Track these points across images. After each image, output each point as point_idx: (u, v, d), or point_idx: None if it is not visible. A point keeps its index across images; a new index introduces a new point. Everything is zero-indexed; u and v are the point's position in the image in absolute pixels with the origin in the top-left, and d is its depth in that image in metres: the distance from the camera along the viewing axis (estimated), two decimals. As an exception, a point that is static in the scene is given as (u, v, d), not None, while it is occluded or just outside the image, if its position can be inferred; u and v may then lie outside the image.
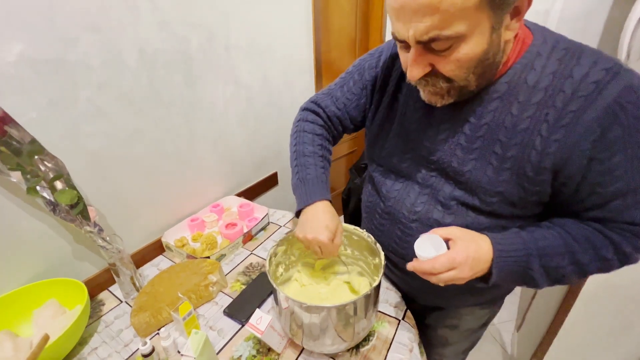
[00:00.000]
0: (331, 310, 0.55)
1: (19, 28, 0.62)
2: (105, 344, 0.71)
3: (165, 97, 0.91)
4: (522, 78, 0.48)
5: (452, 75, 0.45)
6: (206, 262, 0.84)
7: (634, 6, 0.80)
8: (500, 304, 0.77)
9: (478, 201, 0.54)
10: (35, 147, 0.66)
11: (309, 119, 0.75)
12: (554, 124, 0.45)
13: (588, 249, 0.48)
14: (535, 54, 0.47)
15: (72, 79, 0.71)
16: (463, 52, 0.42)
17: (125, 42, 0.78)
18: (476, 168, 0.53)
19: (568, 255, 0.49)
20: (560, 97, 0.45)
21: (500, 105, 0.49)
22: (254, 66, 1.16)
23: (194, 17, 0.92)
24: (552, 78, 0.46)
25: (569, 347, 1.08)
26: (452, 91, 0.48)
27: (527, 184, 0.50)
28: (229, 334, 0.72)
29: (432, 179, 0.59)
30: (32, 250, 0.74)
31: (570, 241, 0.49)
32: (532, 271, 0.49)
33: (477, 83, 0.47)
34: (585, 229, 0.50)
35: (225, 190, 1.21)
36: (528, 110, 0.47)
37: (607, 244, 0.48)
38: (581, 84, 0.44)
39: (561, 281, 0.51)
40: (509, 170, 0.50)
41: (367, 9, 1.84)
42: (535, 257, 0.49)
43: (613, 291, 0.94)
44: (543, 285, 0.51)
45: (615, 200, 0.46)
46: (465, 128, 0.53)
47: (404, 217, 0.63)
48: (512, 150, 0.49)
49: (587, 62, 0.44)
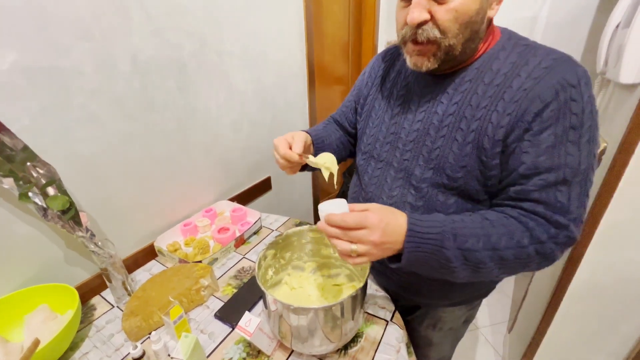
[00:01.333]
0: (318, 312, 0.56)
1: (12, 36, 0.64)
2: (97, 348, 0.71)
3: (158, 102, 0.92)
4: (489, 65, 0.55)
5: (447, 26, 0.50)
6: (198, 266, 0.85)
7: (611, 14, 0.82)
8: (478, 303, 0.78)
9: (446, 178, 0.57)
10: (28, 153, 0.67)
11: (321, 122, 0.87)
12: (509, 101, 0.51)
13: (504, 234, 0.49)
14: (500, 47, 0.55)
15: (65, 85, 0.73)
16: (460, 1, 0.48)
17: (119, 49, 0.80)
18: (444, 145, 0.57)
19: (483, 238, 0.49)
20: (517, 80, 0.51)
21: (469, 87, 0.56)
22: (247, 72, 1.18)
23: (186, 24, 0.94)
24: (511, 66, 0.53)
25: (557, 347, 1.10)
26: (439, 53, 0.52)
27: (485, 158, 0.53)
28: (220, 337, 0.72)
29: (405, 162, 0.63)
30: (23, 256, 0.74)
31: (487, 225, 0.50)
32: (447, 250, 0.48)
33: (461, 48, 0.52)
34: (502, 217, 0.51)
35: (219, 195, 1.22)
36: (489, 91, 0.53)
37: (523, 229, 0.49)
38: (534, 69, 0.50)
39: (480, 270, 0.50)
40: (471, 144, 0.54)
41: (359, 15, 1.87)
42: (450, 235, 0.49)
43: (599, 291, 0.97)
44: (460, 271, 0.50)
45: (538, 175, 0.49)
46: (438, 108, 0.59)
47: (382, 202, 0.66)
48: (474, 125, 0.54)
49: (542, 54, 0.51)
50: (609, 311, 0.99)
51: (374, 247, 0.48)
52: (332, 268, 0.78)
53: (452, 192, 0.58)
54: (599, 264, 0.93)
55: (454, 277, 0.52)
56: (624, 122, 0.79)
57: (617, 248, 0.90)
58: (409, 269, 0.52)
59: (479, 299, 0.77)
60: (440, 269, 0.51)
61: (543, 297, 1.11)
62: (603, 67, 0.87)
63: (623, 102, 0.83)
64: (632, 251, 0.89)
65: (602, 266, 0.93)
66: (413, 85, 0.64)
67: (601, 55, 0.86)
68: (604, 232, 0.88)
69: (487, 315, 1.67)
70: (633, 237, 0.87)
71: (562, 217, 0.49)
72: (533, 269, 0.52)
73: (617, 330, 1.01)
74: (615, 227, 0.87)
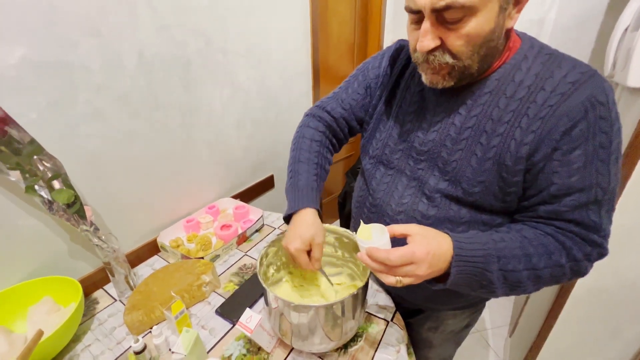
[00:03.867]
0: (319, 310, 0.56)
1: (20, 31, 0.64)
2: (99, 341, 0.72)
3: (163, 99, 0.93)
4: (510, 76, 0.52)
5: (459, 51, 0.47)
6: (200, 262, 0.86)
7: (620, 16, 0.82)
8: (481, 307, 0.78)
9: (461, 192, 0.56)
10: (35, 147, 0.68)
11: (310, 125, 0.76)
12: (533, 117, 0.49)
13: (543, 254, 0.49)
14: (522, 57, 0.52)
15: (72, 81, 0.73)
16: (472, 26, 0.45)
17: (125, 45, 0.80)
18: (462, 158, 0.55)
19: (524, 258, 0.49)
20: (541, 94, 0.49)
21: (489, 99, 0.53)
22: (251, 70, 1.18)
23: (192, 22, 0.94)
24: (535, 78, 0.50)
25: (558, 352, 1.09)
26: (454, 72, 0.51)
27: (506, 174, 0.52)
28: (220, 333, 0.73)
29: (420, 171, 0.61)
30: (28, 248, 0.75)
31: (527, 244, 0.49)
32: (490, 273, 0.48)
33: (478, 66, 0.50)
34: (540, 235, 0.50)
35: (222, 192, 1.23)
36: (512, 105, 0.51)
37: (560, 248, 0.49)
38: (560, 83, 0.48)
39: (517, 289, 0.50)
40: (491, 160, 0.52)
41: (365, 14, 1.87)
42: (494, 258, 0.48)
43: (602, 296, 0.96)
44: (499, 290, 0.50)
45: (570, 195, 0.48)
46: (456, 120, 0.56)
47: (390, 209, 0.65)
48: (495, 140, 0.52)
49: (567, 66, 0.49)
50: (612, 316, 0.98)
51: (420, 278, 0.48)
52: (334, 267, 0.78)
53: (466, 204, 0.57)
54: (604, 269, 0.91)
55: (492, 295, 0.53)
56: (632, 126, 0.78)
57: (622, 252, 0.89)
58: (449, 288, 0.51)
59: (482, 303, 0.76)
60: (481, 289, 0.51)
61: (545, 301, 1.10)
62: (611, 70, 0.87)
63: (630, 106, 0.82)
64: (637, 256, 0.88)
65: (606, 271, 0.92)
66: (428, 92, 0.61)
67: (609, 58, 0.86)
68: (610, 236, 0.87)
69: (488, 318, 1.67)
70: (639, 241, 0.86)
71: (596, 235, 0.49)
72: (562, 283, 0.52)
73: (620, 336, 1.00)
74: (621, 231, 0.86)
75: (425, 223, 0.60)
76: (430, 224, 0.59)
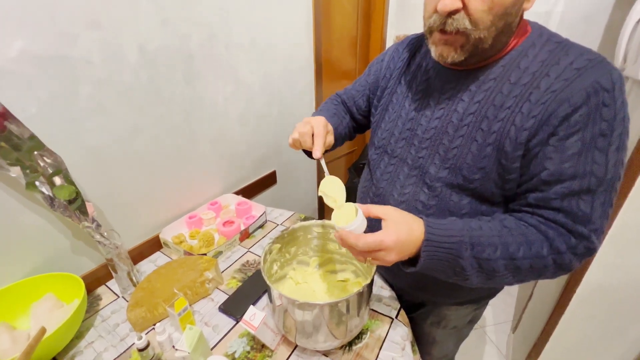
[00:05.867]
0: (324, 308, 0.55)
1: (20, 24, 0.63)
2: (102, 338, 0.72)
3: (165, 94, 0.91)
4: (516, 63, 0.51)
5: (480, 17, 0.46)
6: (203, 259, 0.85)
7: (632, 9, 0.80)
8: (484, 304, 0.77)
9: (462, 179, 0.55)
10: (35, 142, 0.67)
11: (329, 100, 0.86)
12: (535, 102, 0.48)
13: (522, 243, 0.48)
14: (530, 44, 0.52)
15: (73, 75, 0.72)
16: None
17: (126, 38, 0.79)
18: (463, 144, 0.55)
19: (501, 247, 0.48)
20: (545, 80, 0.48)
21: (493, 86, 0.53)
22: (254, 65, 1.17)
23: (195, 15, 0.93)
24: (541, 65, 0.49)
25: (563, 349, 1.09)
26: (467, 45, 0.50)
27: (505, 161, 0.51)
28: (224, 330, 0.72)
29: (421, 160, 0.61)
30: (30, 245, 0.75)
31: (505, 233, 0.49)
32: (463, 260, 0.48)
33: (492, 42, 0.49)
34: (521, 225, 0.50)
35: (224, 188, 1.22)
36: (515, 90, 0.50)
37: (542, 239, 0.48)
38: (565, 69, 0.47)
39: (494, 278, 0.50)
40: (491, 146, 0.52)
41: (368, 8, 1.85)
42: (467, 245, 0.48)
43: (608, 294, 0.95)
44: (474, 278, 0.50)
45: (561, 183, 0.47)
46: (459, 106, 0.56)
47: (393, 199, 0.65)
48: (496, 125, 0.51)
49: (574, 53, 0.48)
50: (618, 314, 0.97)
51: (389, 263, 0.49)
52: (338, 264, 0.77)
53: (467, 193, 0.56)
54: (610, 266, 0.91)
55: (467, 283, 0.52)
56: (642, 121, 0.77)
57: (629, 250, 0.88)
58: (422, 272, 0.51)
59: (485, 299, 0.75)
60: (454, 276, 0.51)
61: (550, 298, 1.09)
62: (622, 64, 0.85)
63: (641, 101, 0.81)
64: (645, 254, 0.87)
65: (612, 268, 0.91)
66: (434, 80, 0.61)
67: (620, 51, 0.84)
68: (617, 234, 0.85)
69: (490, 314, 1.66)
70: (646, 239, 0.85)
71: (584, 227, 0.47)
72: (547, 278, 0.51)
73: (625, 334, 0.99)
74: (628, 228, 0.85)
75: (426, 214, 0.60)
76: (431, 214, 0.60)
